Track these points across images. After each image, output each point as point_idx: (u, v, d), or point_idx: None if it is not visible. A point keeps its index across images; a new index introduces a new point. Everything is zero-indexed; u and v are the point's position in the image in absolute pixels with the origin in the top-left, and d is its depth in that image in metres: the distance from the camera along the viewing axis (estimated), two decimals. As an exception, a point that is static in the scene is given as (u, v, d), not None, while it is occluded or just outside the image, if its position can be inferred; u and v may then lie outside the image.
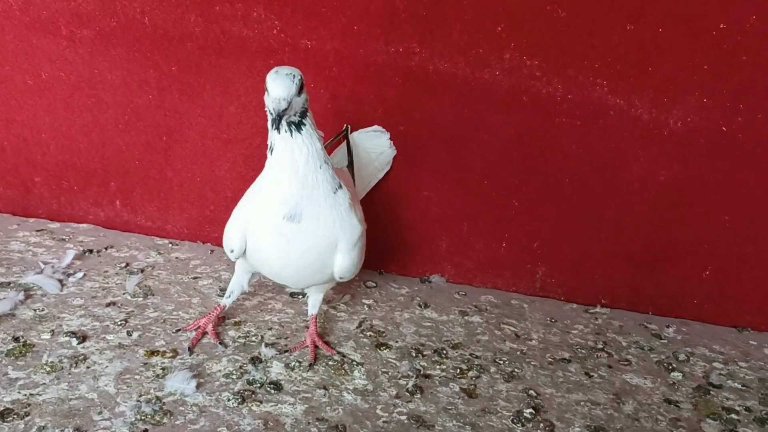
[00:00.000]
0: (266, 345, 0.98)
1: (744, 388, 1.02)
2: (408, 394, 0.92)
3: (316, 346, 0.99)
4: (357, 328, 1.07)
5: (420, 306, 1.15)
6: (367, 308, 1.13)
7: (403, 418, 0.88)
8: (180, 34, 1.14)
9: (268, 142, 0.86)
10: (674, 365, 1.06)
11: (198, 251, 1.25)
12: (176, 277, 1.16)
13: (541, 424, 0.89)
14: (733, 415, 0.95)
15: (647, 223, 1.17)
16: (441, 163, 1.19)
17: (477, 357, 1.03)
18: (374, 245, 1.25)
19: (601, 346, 1.09)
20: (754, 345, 1.15)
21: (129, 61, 1.17)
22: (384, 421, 0.87)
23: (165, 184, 1.25)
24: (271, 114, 0.82)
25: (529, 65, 1.10)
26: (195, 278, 1.16)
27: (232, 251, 0.92)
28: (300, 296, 1.13)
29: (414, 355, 1.01)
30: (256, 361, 0.95)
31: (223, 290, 1.12)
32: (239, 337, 1.01)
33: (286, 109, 0.79)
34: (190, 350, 0.95)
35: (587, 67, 1.09)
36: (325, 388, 0.92)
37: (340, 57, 1.14)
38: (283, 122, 0.81)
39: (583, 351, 1.07)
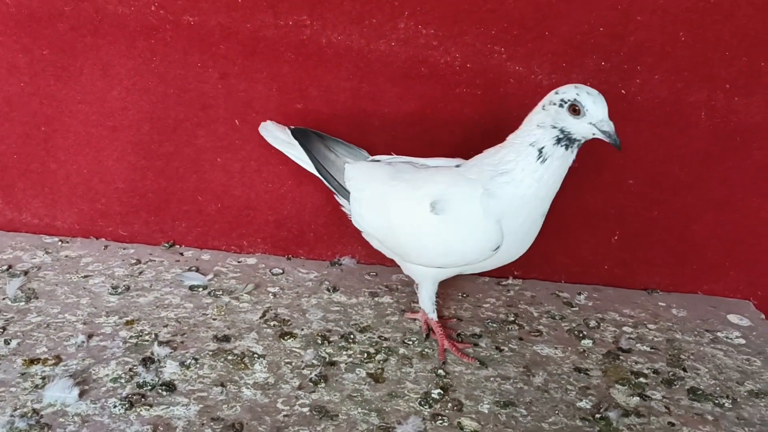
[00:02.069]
0: (160, 343, 0.92)
1: (652, 350, 1.02)
2: (311, 384, 0.88)
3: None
4: (260, 318, 1.02)
5: (329, 290, 1.11)
6: (272, 297, 1.08)
7: (305, 410, 0.84)
8: (48, 13, 1.05)
9: (539, 148, 0.87)
10: (585, 332, 1.05)
11: (90, 248, 1.17)
12: (64, 277, 1.08)
13: (450, 404, 0.87)
14: (642, 379, 0.95)
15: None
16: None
17: (386, 339, 0.99)
18: (281, 230, 1.20)
19: (513, 319, 1.07)
20: (663, 306, 1.16)
21: (-7, 45, 1.07)
22: (285, 415, 0.82)
23: (49, 177, 1.16)
24: (604, 135, 0.85)
25: (425, 34, 1.06)
26: (85, 277, 1.08)
27: (498, 248, 0.91)
28: (201, 289, 1.07)
29: (320, 342, 0.97)
30: (147, 361, 0.89)
31: (115, 287, 1.05)
32: (131, 337, 0.94)
33: None
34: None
35: (484, 33, 1.06)
36: (222, 384, 0.87)
37: (227, 32, 1.07)
38: None
39: (494, 325, 1.05)
